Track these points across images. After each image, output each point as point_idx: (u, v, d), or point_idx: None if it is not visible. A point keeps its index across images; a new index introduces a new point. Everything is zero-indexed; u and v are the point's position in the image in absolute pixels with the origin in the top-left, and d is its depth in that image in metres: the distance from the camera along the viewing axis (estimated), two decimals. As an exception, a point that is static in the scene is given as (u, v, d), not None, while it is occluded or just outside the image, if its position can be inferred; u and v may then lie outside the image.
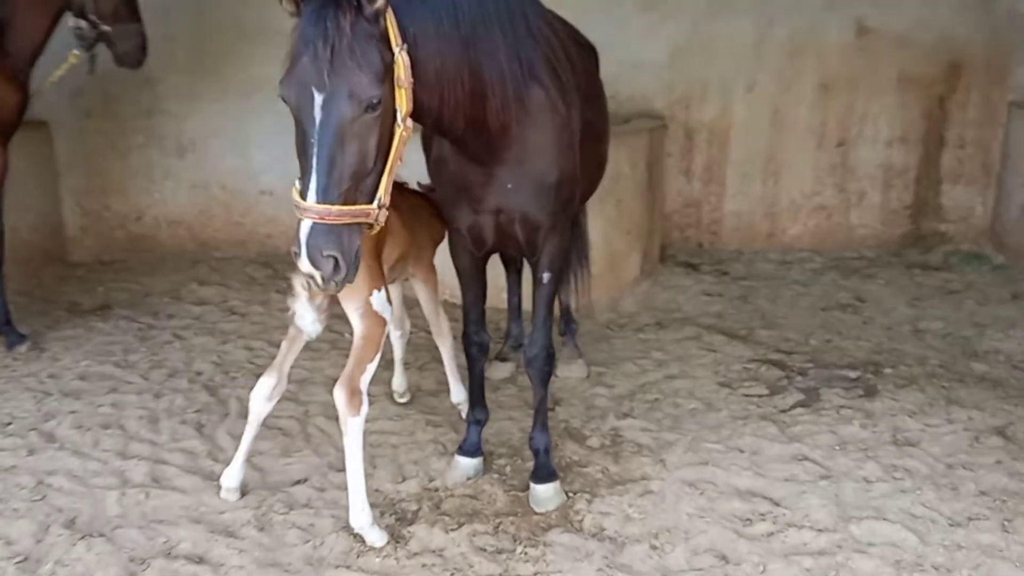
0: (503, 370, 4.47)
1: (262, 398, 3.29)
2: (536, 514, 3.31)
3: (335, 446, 3.80)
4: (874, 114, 6.39)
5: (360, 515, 3.08)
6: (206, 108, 6.29)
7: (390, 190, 2.62)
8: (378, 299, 3.11)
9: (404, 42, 2.54)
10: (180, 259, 6.33)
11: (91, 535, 3.14)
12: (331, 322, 3.18)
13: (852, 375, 4.47)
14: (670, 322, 5.20)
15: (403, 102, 2.56)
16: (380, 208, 2.58)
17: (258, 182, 6.42)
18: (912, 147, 6.47)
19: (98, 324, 5.18)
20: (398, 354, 4.13)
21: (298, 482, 3.52)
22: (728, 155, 6.47)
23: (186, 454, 3.73)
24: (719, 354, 4.74)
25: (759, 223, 6.59)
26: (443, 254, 3.54)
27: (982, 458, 3.65)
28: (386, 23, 2.49)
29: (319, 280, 2.51)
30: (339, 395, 3.05)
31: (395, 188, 2.72)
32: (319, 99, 2.40)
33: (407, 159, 2.70)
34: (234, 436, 3.85)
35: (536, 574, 2.97)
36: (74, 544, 3.08)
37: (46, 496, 3.40)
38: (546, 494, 3.35)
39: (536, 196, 3.09)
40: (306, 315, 3.00)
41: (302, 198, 2.46)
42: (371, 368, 3.10)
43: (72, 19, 4.62)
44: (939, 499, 3.36)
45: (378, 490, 3.42)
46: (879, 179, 6.52)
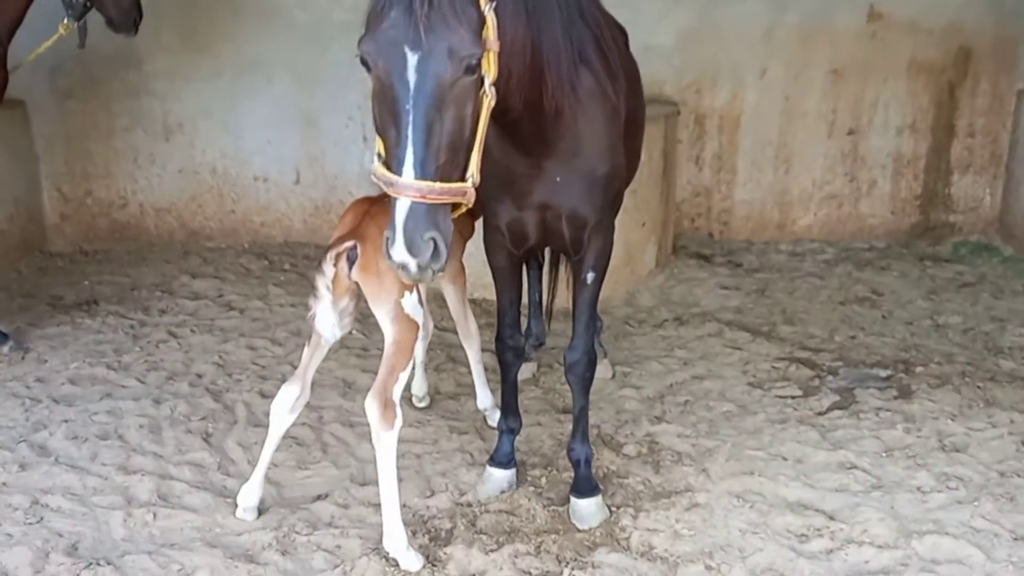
0: (524, 370, 4.21)
1: (284, 410, 3.03)
2: (579, 531, 3.10)
3: (354, 456, 3.57)
4: (884, 101, 6.22)
5: (395, 537, 2.85)
6: (196, 88, 5.90)
7: (480, 166, 2.33)
8: (410, 301, 2.86)
9: (491, 0, 2.25)
10: (168, 249, 5.98)
11: (97, 563, 2.87)
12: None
13: (883, 374, 4.33)
14: (689, 317, 5.01)
15: (491, 67, 2.27)
16: (474, 186, 2.31)
17: (251, 167, 6.06)
18: (922, 135, 6.31)
19: (85, 320, 4.85)
20: (419, 356, 3.88)
21: (319, 497, 3.27)
22: (739, 143, 6.27)
23: (194, 467, 3.45)
24: (745, 352, 4.56)
25: (770, 212, 6.41)
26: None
27: (1033, 465, 3.51)
28: None
29: (413, 269, 2.22)
30: (371, 408, 2.80)
31: None
32: (413, 60, 2.11)
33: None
34: (244, 446, 3.60)
35: (587, 600, 2.78)
36: (79, 574, 2.81)
37: (43, 518, 3.12)
38: (589, 509, 3.14)
39: (586, 190, 2.85)
40: (328, 318, 2.79)
41: (396, 174, 2.17)
42: (404, 377, 2.87)
43: None
44: (998, 511, 3.21)
45: (406, 505, 3.16)
46: (889, 168, 6.36)
